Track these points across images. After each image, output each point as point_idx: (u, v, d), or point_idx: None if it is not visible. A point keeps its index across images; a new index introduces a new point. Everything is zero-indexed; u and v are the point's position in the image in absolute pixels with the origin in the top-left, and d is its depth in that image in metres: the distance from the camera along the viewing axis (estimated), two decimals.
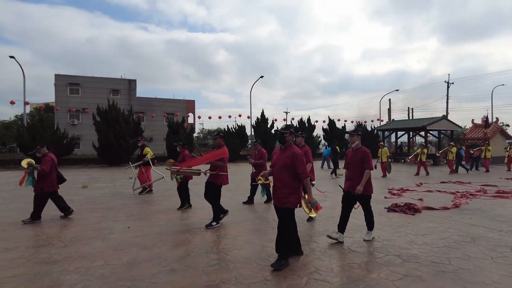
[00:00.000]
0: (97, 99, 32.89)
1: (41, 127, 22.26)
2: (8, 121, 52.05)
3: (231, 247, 4.88)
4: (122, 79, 41.85)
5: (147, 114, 37.80)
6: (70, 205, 7.02)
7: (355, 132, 5.20)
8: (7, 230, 5.88)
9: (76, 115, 37.73)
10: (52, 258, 4.43)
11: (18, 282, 3.66)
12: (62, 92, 38.43)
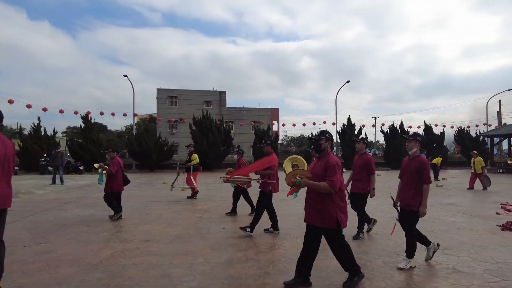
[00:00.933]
0: (192, 110, 35.97)
1: (146, 136, 25.27)
2: (120, 131, 60.49)
3: (323, 256, 4.85)
4: (214, 91, 44.99)
5: (235, 123, 39.88)
6: (173, 205, 7.81)
7: (413, 138, 4.48)
8: (124, 225, 6.84)
9: (174, 124, 41.78)
10: (160, 252, 5.00)
11: (137, 269, 4.23)
12: (163, 104, 43.06)
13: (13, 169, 3.64)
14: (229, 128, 28.26)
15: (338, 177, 3.51)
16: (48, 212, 8.11)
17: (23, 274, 4.05)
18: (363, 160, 5.93)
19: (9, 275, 4.00)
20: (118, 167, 7.32)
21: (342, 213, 3.59)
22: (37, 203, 9.51)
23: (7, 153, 3.47)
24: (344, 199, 3.68)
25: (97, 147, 23.32)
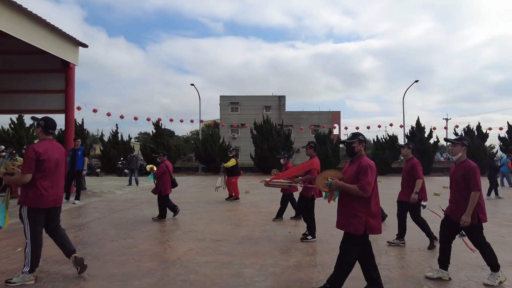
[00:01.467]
0: (252, 115, 36.76)
1: (211, 140, 26.41)
2: (186, 136, 64.11)
3: (394, 263, 4.64)
4: (273, 96, 45.46)
5: (295, 127, 39.77)
6: (239, 207, 8.07)
7: (459, 141, 4.04)
8: (196, 224, 7.24)
9: (236, 129, 43.05)
10: (230, 252, 5.21)
11: (210, 267, 4.47)
12: (225, 110, 44.66)
13: (64, 172, 4.25)
14: (288, 132, 28.30)
15: (369, 180, 3.31)
16: (128, 211, 8.91)
17: (114, 265, 4.51)
18: (410, 165, 5.63)
19: (103, 265, 4.50)
20: (165, 170, 7.65)
21: (372, 219, 3.36)
22: (117, 202, 10.50)
23: (60, 158, 4.06)
24: (377, 204, 3.44)
25: (167, 151, 24.99)
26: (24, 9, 9.40)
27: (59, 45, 11.27)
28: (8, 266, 4.42)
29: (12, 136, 22.17)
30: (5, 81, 13.07)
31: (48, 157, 3.84)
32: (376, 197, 3.44)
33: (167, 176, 7.67)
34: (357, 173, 3.41)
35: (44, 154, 3.80)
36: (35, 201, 3.80)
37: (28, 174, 3.74)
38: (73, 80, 12.36)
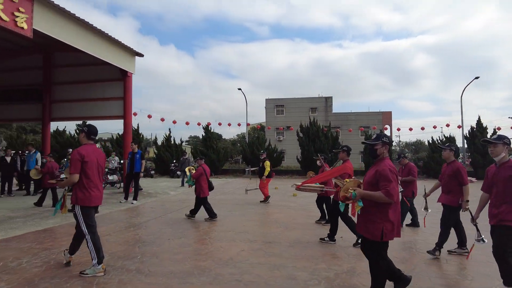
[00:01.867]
0: (298, 117, 36.49)
1: (257, 143, 26.68)
2: (233, 139, 65.44)
3: (455, 273, 4.34)
4: (319, 97, 44.78)
5: (343, 129, 38.80)
6: (287, 210, 8.07)
7: (500, 141, 3.67)
8: (246, 225, 7.37)
9: (281, 132, 43.05)
10: (282, 254, 5.23)
11: (263, 268, 4.53)
12: (271, 113, 44.86)
13: (102, 174, 4.67)
14: (336, 134, 27.69)
15: (393, 185, 3.21)
16: (182, 211, 9.31)
17: (171, 263, 4.75)
18: (452, 169, 5.24)
19: (161, 262, 4.76)
20: (202, 173, 7.98)
21: (389, 224, 3.26)
22: (171, 203, 11.01)
23: (101, 161, 4.52)
24: (396, 209, 3.32)
25: (216, 154, 25.73)
26: (90, 25, 10.29)
27: (119, 56, 12.16)
28: (81, 259, 4.84)
29: (77, 140, 24.25)
30: (74, 91, 14.39)
31: (90, 160, 4.29)
32: (398, 201, 3.35)
33: (204, 178, 7.97)
34: (376, 177, 3.33)
35: (87, 157, 4.26)
36: (85, 200, 4.26)
37: (75, 174, 4.20)
38: (131, 87, 13.24)
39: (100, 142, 29.08)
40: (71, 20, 9.76)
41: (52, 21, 9.11)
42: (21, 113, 15.48)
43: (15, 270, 4.34)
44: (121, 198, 11.07)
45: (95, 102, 14.04)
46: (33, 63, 14.88)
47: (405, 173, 7.37)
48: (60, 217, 7.98)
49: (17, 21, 7.77)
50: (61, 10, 9.30)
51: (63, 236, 6.24)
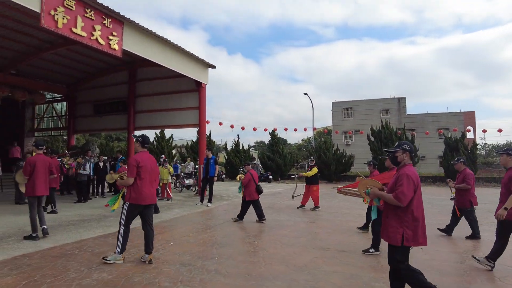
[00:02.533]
0: (368, 120, 35.00)
1: (325, 148, 26.22)
2: (298, 144, 65.17)
3: None
4: (391, 98, 42.35)
5: (418, 131, 36.11)
6: (361, 218, 7.80)
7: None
8: (318, 232, 7.32)
9: (350, 136, 41.65)
10: (356, 263, 5.09)
11: (339, 277, 4.47)
12: (338, 117, 43.69)
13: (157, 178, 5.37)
14: (412, 137, 25.91)
15: (404, 189, 3.28)
16: (254, 215, 9.56)
17: (247, 265, 4.95)
18: (508, 176, 4.70)
19: (238, 265, 4.98)
20: (250, 178, 8.47)
21: (409, 230, 3.32)
22: None
23: (153, 166, 5.20)
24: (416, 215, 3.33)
25: (282, 159, 25.92)
26: (169, 42, 11.26)
27: (193, 68, 13.07)
28: (165, 257, 5.30)
29: (156, 147, 26.44)
30: (154, 102, 15.82)
31: (144, 165, 4.95)
32: (418, 207, 3.37)
33: (252, 183, 8.49)
34: (395, 183, 3.43)
35: (141, 162, 4.92)
36: (136, 199, 4.92)
37: (131, 178, 4.87)
38: (204, 97, 14.11)
39: (177, 149, 31.28)
40: (152, 38, 10.80)
41: (137, 41, 10.19)
42: (110, 123, 17.47)
43: (113, 263, 4.93)
44: (197, 201, 11.80)
45: (173, 112, 15.23)
46: (120, 79, 16.73)
47: (460, 180, 6.80)
48: None
49: (110, 44, 8.87)
50: (144, 30, 10.35)
51: None
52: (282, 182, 24.89)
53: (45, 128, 21.12)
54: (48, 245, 5.91)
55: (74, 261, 4.98)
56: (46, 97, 18.92)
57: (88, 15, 8.57)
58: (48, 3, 7.60)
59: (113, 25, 9.17)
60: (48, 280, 4.21)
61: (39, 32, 12.41)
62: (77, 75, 17.57)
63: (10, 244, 5.88)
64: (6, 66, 15.15)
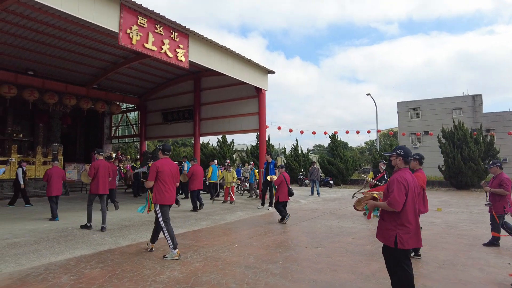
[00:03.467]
0: (438, 120, 32.44)
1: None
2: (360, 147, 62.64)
3: None
4: (464, 96, 38.72)
5: (498, 131, 32.44)
6: (432, 227, 7.24)
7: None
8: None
9: (418, 138, 38.92)
10: (431, 276, 4.74)
11: None
12: (404, 118, 41.09)
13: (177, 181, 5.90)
14: (491, 138, 23.36)
15: (395, 195, 3.40)
16: (315, 220, 9.46)
17: (312, 271, 4.90)
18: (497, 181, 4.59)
19: (303, 270, 4.95)
20: (282, 180, 8.91)
21: (403, 233, 3.43)
22: (304, 211, 11.30)
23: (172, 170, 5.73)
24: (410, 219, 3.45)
25: (344, 163, 25.15)
26: (231, 51, 11.69)
27: (253, 75, 13.38)
28: (231, 259, 5.48)
29: (218, 152, 27.49)
30: (217, 110, 16.53)
31: (164, 170, 5.55)
32: (412, 210, 3.48)
33: (284, 185, 8.90)
34: (388, 189, 3.55)
35: (160, 167, 5.55)
36: (161, 200, 5.53)
37: (151, 181, 5.51)
38: (264, 103, 14.35)
39: (237, 153, 32.17)
40: (215, 48, 11.31)
41: (202, 52, 10.75)
42: (177, 130, 18.60)
43: (183, 263, 5.24)
44: (258, 204, 11.99)
45: (234, 118, 15.73)
46: (186, 88, 17.78)
47: (495, 184, 6.14)
48: (209, 219, 9.22)
49: (178, 56, 9.49)
50: (208, 41, 10.89)
51: (215, 236, 7.18)
52: (343, 187, 24.14)
53: (120, 135, 23.25)
54: (126, 243, 6.48)
55: (148, 259, 5.40)
56: (121, 108, 20.83)
57: (158, 30, 9.29)
58: (125, 23, 8.41)
59: (179, 38, 9.80)
60: (127, 274, 4.63)
61: (115, 49, 13.77)
62: (148, 86, 19.08)
63: (95, 240, 6.57)
64: (89, 82, 17.05)
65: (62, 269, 4.84)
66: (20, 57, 14.02)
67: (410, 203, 3.47)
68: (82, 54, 14.22)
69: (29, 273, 4.68)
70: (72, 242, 6.39)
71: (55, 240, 6.50)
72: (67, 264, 5.09)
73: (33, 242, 6.36)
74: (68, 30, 12.04)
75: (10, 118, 17.95)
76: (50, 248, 5.92)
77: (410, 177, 3.56)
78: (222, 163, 18.92)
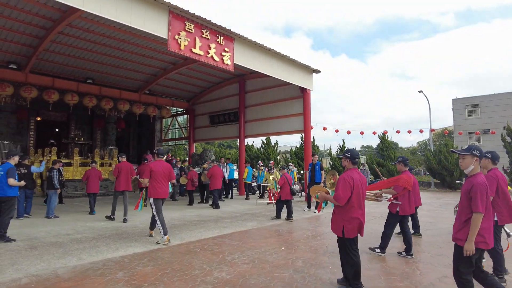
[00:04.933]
0: (500, 118, 29.81)
1: (446, 152, 23.20)
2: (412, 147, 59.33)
3: None
4: None
5: None
6: None
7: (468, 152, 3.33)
8: (443, 247, 6.45)
9: (477, 137, 35.96)
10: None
11: None
12: (460, 115, 38.19)
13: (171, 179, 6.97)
14: None
15: (340, 192, 3.97)
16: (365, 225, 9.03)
17: (365, 279, 4.62)
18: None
19: None
20: (285, 181, 9.50)
21: (349, 224, 4.01)
22: None
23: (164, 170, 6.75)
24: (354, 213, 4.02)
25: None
26: (275, 51, 11.65)
27: (298, 75, 13.21)
28: (278, 262, 5.39)
29: (262, 153, 27.58)
30: (262, 111, 16.57)
31: (156, 170, 6.59)
32: (356, 205, 4.03)
33: (287, 185, 9.49)
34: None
35: (153, 167, 6.60)
36: (154, 194, 6.55)
37: (146, 178, 6.58)
38: (309, 103, 14.10)
39: (281, 154, 32.05)
40: (260, 50, 11.34)
41: (247, 55, 10.84)
42: (223, 132, 18.95)
43: (230, 264, 5.25)
44: (304, 206, 11.78)
45: (278, 119, 15.66)
46: (231, 91, 18.07)
47: None
48: (255, 220, 9.22)
49: (224, 60, 9.64)
50: (253, 43, 10.94)
51: (261, 238, 7.14)
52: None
53: (170, 138, 24.24)
54: (176, 242, 6.67)
55: (197, 259, 5.49)
56: (171, 112, 21.73)
57: (204, 35, 9.51)
58: (173, 30, 8.73)
59: (225, 42, 9.96)
60: (177, 274, 4.74)
61: (164, 55, 14.39)
62: (195, 90, 19.70)
63: (147, 239, 6.85)
64: (141, 88, 17.99)
65: (118, 265, 5.09)
66: (81, 67, 15.19)
67: (355, 198, 4.03)
68: (134, 62, 15.05)
69: (89, 267, 4.99)
70: (126, 240, 6.72)
71: (111, 238, 6.88)
72: (122, 261, 5.35)
73: (92, 238, 6.80)
74: (121, 40, 12.81)
75: (73, 123, 19.53)
76: (106, 245, 6.28)
77: (358, 176, 4.11)
78: (266, 165, 18.93)
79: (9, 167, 6.44)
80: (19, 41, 12.42)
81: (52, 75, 15.20)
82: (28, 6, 10.32)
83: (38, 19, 11.02)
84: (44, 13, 10.68)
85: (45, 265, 5.09)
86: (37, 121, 18.37)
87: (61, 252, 5.75)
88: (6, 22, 11.15)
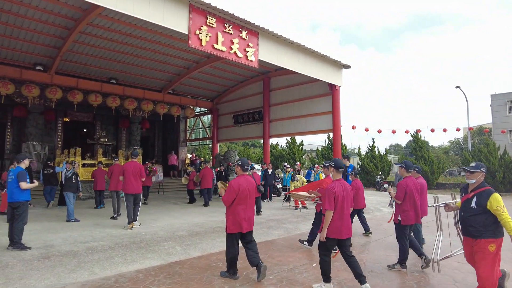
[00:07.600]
0: None
1: (486, 151, 21.51)
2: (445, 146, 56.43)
3: None
4: None
5: None
6: None
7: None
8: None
9: None
10: None
11: None
12: (500, 112, 35.64)
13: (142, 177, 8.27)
14: None
15: (224, 196, 4.76)
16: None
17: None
18: None
19: None
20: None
21: (229, 221, 4.76)
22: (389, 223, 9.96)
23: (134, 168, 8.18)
24: (239, 211, 4.70)
25: (429, 165, 22.48)
26: (302, 46, 10.90)
27: (327, 71, 12.37)
28: (310, 282, 4.72)
29: (287, 153, 26.81)
30: (287, 110, 15.87)
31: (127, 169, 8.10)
32: (237, 206, 4.70)
33: None
34: None
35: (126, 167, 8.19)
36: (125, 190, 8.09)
37: (120, 176, 8.27)
38: (339, 101, 13.22)
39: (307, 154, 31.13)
40: (285, 45, 10.64)
41: (272, 50, 10.17)
42: (248, 132, 18.39)
43: (256, 284, 4.63)
44: None
45: (305, 118, 14.88)
46: (256, 90, 17.46)
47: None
48: (282, 228, 8.56)
49: (247, 56, 9.03)
50: (278, 38, 10.26)
51: (289, 251, 6.48)
52: (429, 192, 21.52)
53: (194, 138, 23.97)
54: (196, 253, 6.14)
55: (217, 276, 4.93)
56: (195, 111, 21.41)
57: (227, 30, 8.94)
58: (194, 25, 8.21)
59: (249, 37, 9.35)
60: None
61: (187, 53, 13.98)
62: (219, 89, 19.25)
63: (166, 249, 6.36)
64: (165, 87, 17.75)
65: (131, 283, 4.60)
66: (104, 67, 15.09)
67: (239, 201, 4.68)
68: (157, 61, 14.77)
69: (100, 284, 4.53)
70: (143, 250, 6.25)
71: (128, 247, 6.44)
72: (136, 276, 4.86)
73: (108, 247, 6.38)
74: (143, 38, 12.51)
75: (98, 124, 19.63)
76: (122, 256, 5.83)
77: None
78: (292, 166, 18.18)
79: (19, 171, 6.18)
80: (43, 42, 12.42)
81: (76, 76, 15.21)
82: (49, 6, 10.20)
83: (60, 19, 10.91)
84: (65, 12, 10.54)
85: (54, 280, 4.69)
86: (64, 121, 18.58)
87: (74, 264, 5.35)
88: (30, 24, 11.13)
